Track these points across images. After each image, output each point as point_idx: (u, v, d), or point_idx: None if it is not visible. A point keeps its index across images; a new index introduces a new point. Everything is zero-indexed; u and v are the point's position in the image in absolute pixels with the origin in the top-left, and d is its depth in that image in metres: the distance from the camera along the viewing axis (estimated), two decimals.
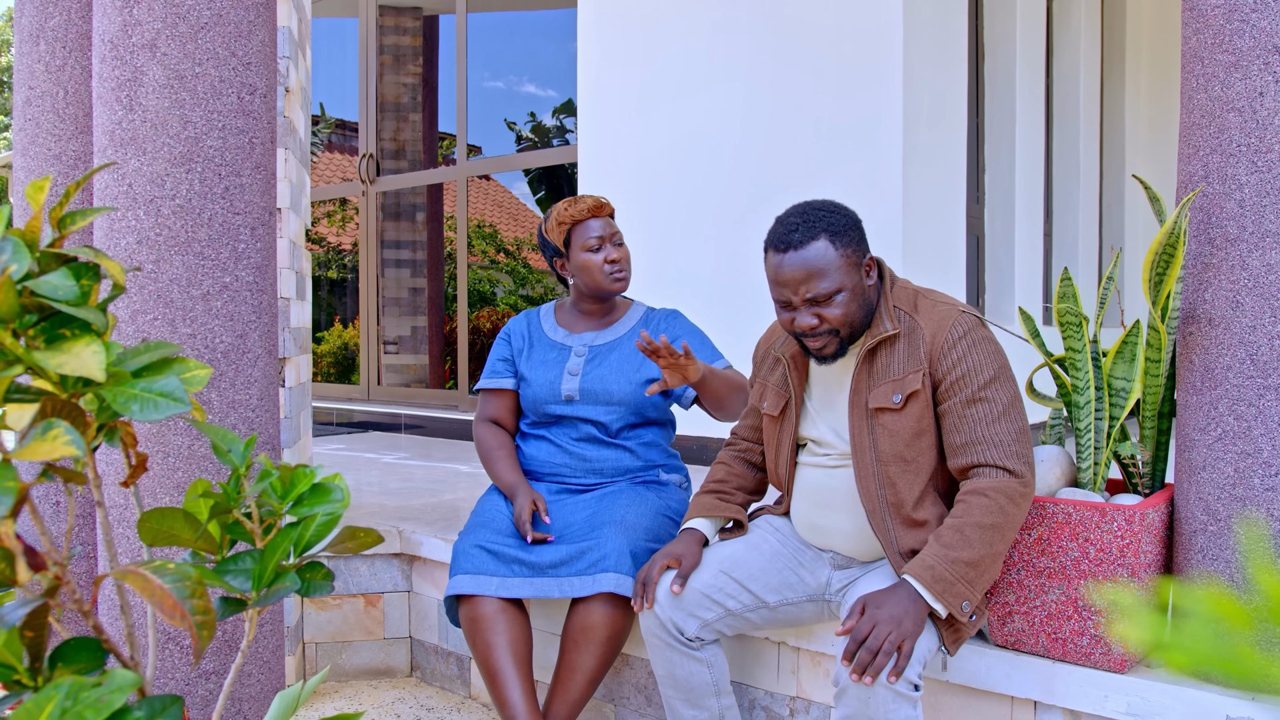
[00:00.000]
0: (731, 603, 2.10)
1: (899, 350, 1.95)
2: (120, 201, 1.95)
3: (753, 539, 2.18)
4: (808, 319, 1.93)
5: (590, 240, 2.58)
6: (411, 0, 7.03)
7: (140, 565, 0.96)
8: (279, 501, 1.20)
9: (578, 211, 2.59)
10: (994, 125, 5.33)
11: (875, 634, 1.73)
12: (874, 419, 1.96)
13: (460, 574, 2.39)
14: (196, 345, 1.97)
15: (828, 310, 1.92)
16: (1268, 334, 1.81)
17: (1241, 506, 1.84)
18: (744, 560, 2.12)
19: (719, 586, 2.10)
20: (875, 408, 1.95)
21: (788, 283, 1.93)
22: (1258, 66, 1.81)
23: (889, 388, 1.94)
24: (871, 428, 1.96)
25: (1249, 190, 1.82)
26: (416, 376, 7.15)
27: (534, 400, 2.61)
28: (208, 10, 1.97)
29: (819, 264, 1.90)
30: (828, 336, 1.94)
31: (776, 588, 2.12)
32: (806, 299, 1.92)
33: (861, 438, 1.97)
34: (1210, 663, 0.31)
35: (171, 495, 1.95)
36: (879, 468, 1.96)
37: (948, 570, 1.79)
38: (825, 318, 1.92)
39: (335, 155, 8.31)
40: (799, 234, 1.92)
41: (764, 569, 2.12)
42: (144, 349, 1.06)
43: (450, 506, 3.57)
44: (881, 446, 1.95)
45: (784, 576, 2.13)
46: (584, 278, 2.60)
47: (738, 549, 2.15)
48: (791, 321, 1.96)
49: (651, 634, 2.13)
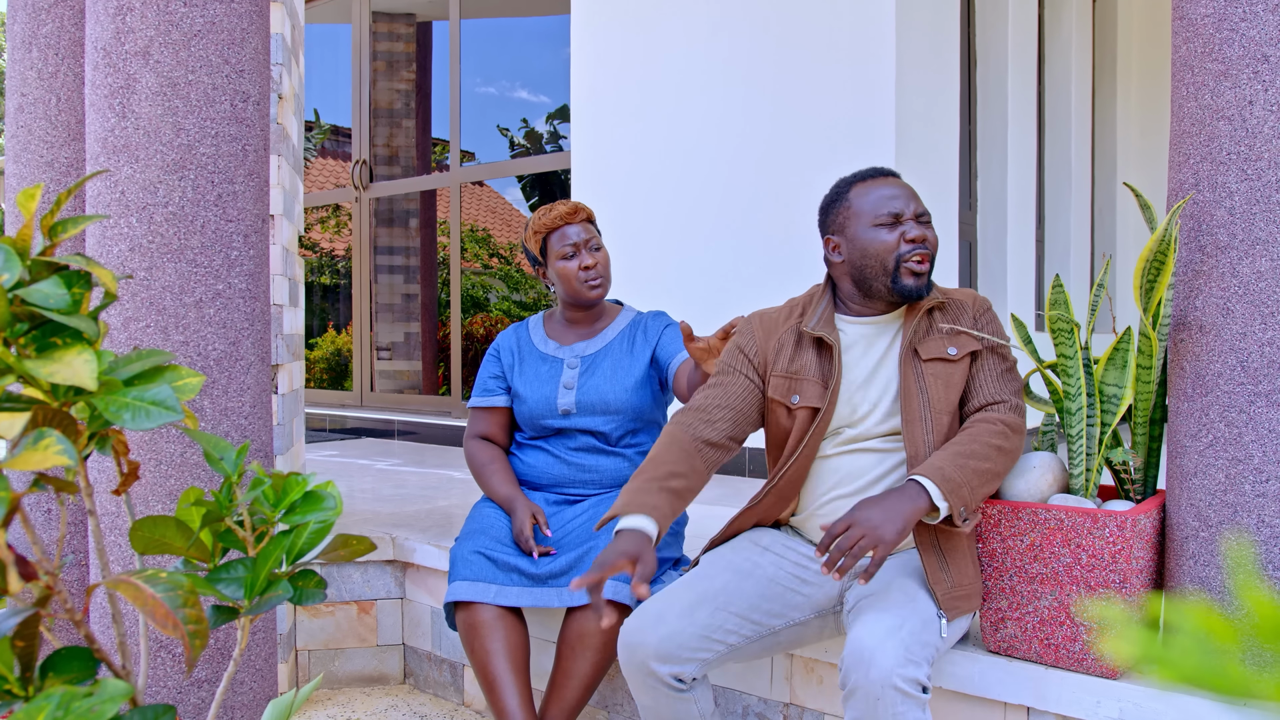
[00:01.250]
0: (733, 638, 1.96)
1: (939, 317, 2.04)
2: (113, 209, 1.94)
3: (741, 566, 2.03)
4: (918, 230, 2.00)
5: (565, 248, 2.54)
6: (405, 6, 7.04)
7: (132, 574, 0.96)
8: (271, 509, 1.20)
9: (551, 219, 2.56)
10: (986, 132, 5.35)
11: (849, 533, 1.73)
12: (924, 367, 2.00)
13: (459, 580, 2.39)
14: (189, 353, 1.96)
15: (929, 232, 2.02)
16: (1258, 341, 1.81)
17: (1232, 513, 1.84)
18: (740, 591, 1.98)
19: (718, 625, 1.94)
20: (928, 358, 2.00)
21: (899, 194, 2.02)
22: (1247, 75, 1.81)
23: (940, 341, 2.01)
24: (920, 376, 2.00)
25: (1239, 198, 1.83)
26: (409, 383, 7.14)
27: (530, 416, 2.59)
28: (200, 18, 1.97)
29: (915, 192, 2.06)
30: (929, 260, 2.01)
31: (779, 611, 2.02)
32: (916, 214, 2.01)
33: (910, 385, 1.99)
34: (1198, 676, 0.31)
35: (163, 503, 1.95)
36: (930, 414, 1.99)
37: (956, 471, 1.82)
38: (927, 238, 2.01)
39: (329, 161, 8.31)
40: (888, 169, 2.08)
41: (763, 595, 2.00)
42: (136, 357, 1.06)
43: (444, 513, 3.57)
44: (933, 394, 1.99)
45: (786, 599, 2.03)
46: (562, 286, 2.58)
47: (729, 580, 1.99)
48: (901, 238, 1.99)
49: (639, 676, 1.91)
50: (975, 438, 1.90)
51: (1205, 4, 1.87)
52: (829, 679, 2.27)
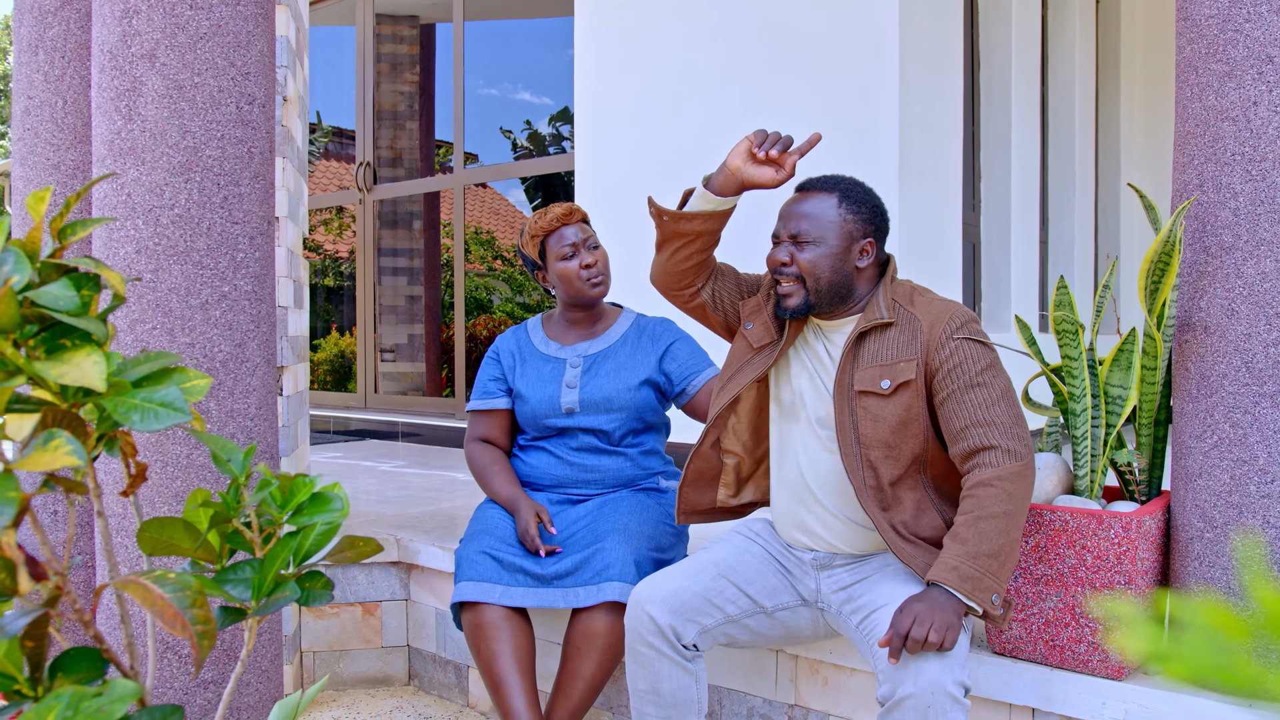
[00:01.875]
0: (731, 607, 2.04)
1: (890, 338, 1.95)
2: (119, 211, 1.95)
3: (738, 544, 2.14)
4: (781, 254, 2.00)
5: (564, 249, 2.56)
6: (408, 8, 7.05)
7: (141, 575, 0.96)
8: (278, 511, 1.20)
9: (548, 222, 2.58)
10: (990, 133, 5.35)
11: (919, 624, 1.69)
12: (857, 402, 1.95)
13: (465, 581, 2.39)
14: (195, 355, 1.97)
15: (800, 254, 1.98)
16: (1263, 342, 1.81)
17: (1237, 514, 1.84)
18: (739, 564, 2.08)
19: (719, 590, 2.03)
20: (860, 390, 1.94)
21: (783, 215, 2.03)
22: (1251, 76, 1.82)
23: (876, 372, 1.94)
24: (853, 410, 1.95)
25: (1243, 199, 1.83)
26: (413, 384, 7.15)
27: (533, 416, 2.60)
28: (206, 21, 1.97)
29: (815, 211, 1.99)
30: (795, 283, 1.99)
31: (772, 591, 2.08)
32: (790, 235, 2.00)
33: (844, 419, 1.96)
34: (1208, 673, 0.31)
35: (170, 504, 1.95)
36: (859, 450, 1.95)
37: (972, 568, 1.77)
38: (795, 259, 1.98)
39: (332, 163, 8.32)
40: (818, 182, 2.04)
41: (758, 573, 2.08)
42: (144, 359, 1.06)
43: (448, 515, 3.57)
44: (864, 430, 1.94)
45: (777, 580, 2.09)
46: (563, 286, 2.59)
47: (729, 553, 2.10)
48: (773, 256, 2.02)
49: (641, 641, 2.01)
50: (979, 513, 1.80)
51: (1209, 5, 1.87)
52: (833, 680, 2.27)
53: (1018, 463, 1.82)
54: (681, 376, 2.60)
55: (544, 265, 2.62)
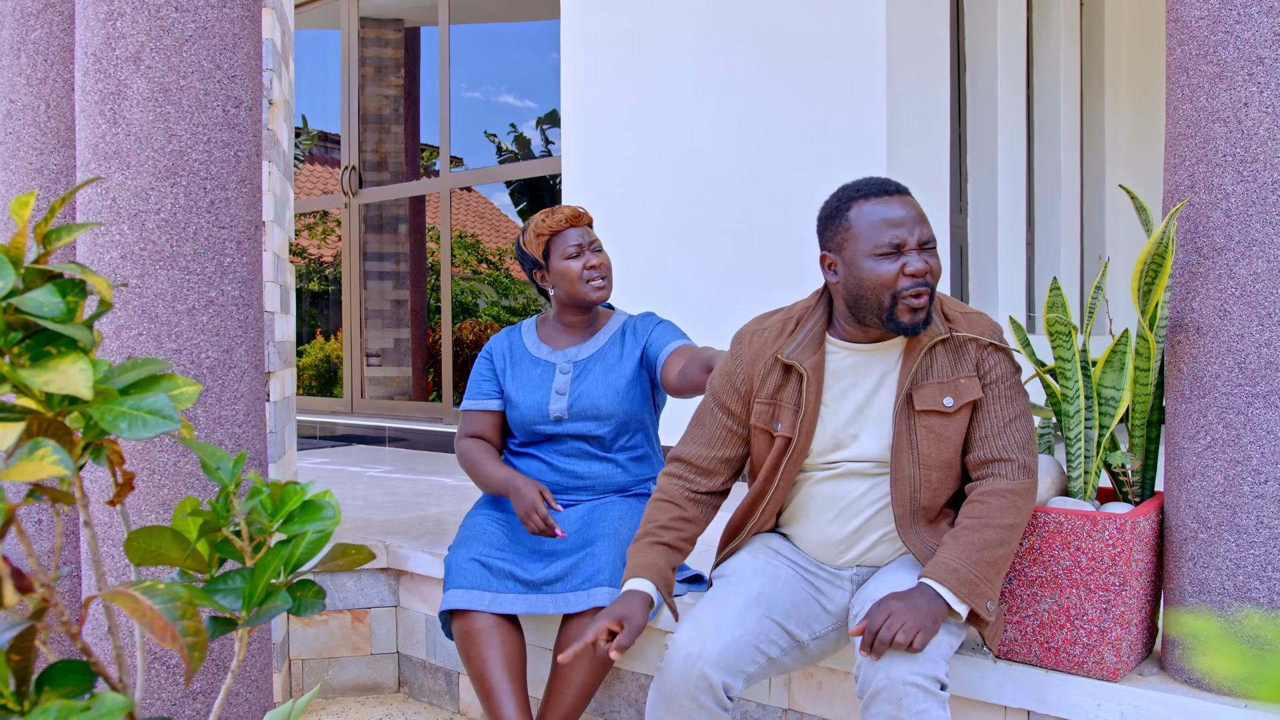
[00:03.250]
0: (774, 650, 1.88)
1: (938, 354, 1.90)
2: (104, 216, 1.93)
3: (766, 569, 1.96)
4: (921, 263, 1.82)
5: (569, 248, 2.55)
6: (393, 12, 7.02)
7: (130, 586, 0.94)
8: (269, 519, 1.19)
9: (555, 222, 2.57)
10: (976, 135, 5.36)
11: (889, 624, 1.68)
12: (917, 420, 1.88)
13: (454, 588, 2.37)
14: (182, 361, 1.95)
15: (932, 261, 1.85)
16: (1255, 342, 1.81)
17: (1231, 514, 1.84)
18: (777, 596, 1.92)
19: (764, 634, 1.86)
20: (922, 409, 1.88)
21: (903, 222, 1.83)
22: (1242, 77, 1.82)
23: (936, 390, 1.88)
24: (912, 429, 1.88)
25: (1235, 200, 1.83)
26: (400, 389, 7.12)
27: (523, 422, 2.58)
28: (192, 23, 1.95)
29: (920, 207, 1.88)
30: (928, 294, 1.83)
31: (806, 622, 1.95)
32: (921, 242, 1.84)
33: (901, 440, 1.88)
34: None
35: (157, 512, 1.93)
36: (918, 471, 1.89)
37: (973, 572, 1.74)
38: (932, 267, 1.84)
39: (317, 167, 8.28)
40: (896, 184, 1.88)
41: (794, 601, 1.94)
42: (131, 366, 1.04)
43: (436, 520, 3.55)
44: (924, 450, 1.88)
45: (810, 609, 1.96)
46: (564, 286, 2.58)
47: (764, 584, 1.93)
48: (900, 271, 1.82)
49: (686, 695, 1.78)
50: (987, 520, 1.79)
51: (1199, 6, 1.87)
52: (827, 684, 2.26)
53: (1029, 479, 1.84)
54: (654, 353, 2.55)
55: (545, 265, 2.60)
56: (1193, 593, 1.90)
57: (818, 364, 1.94)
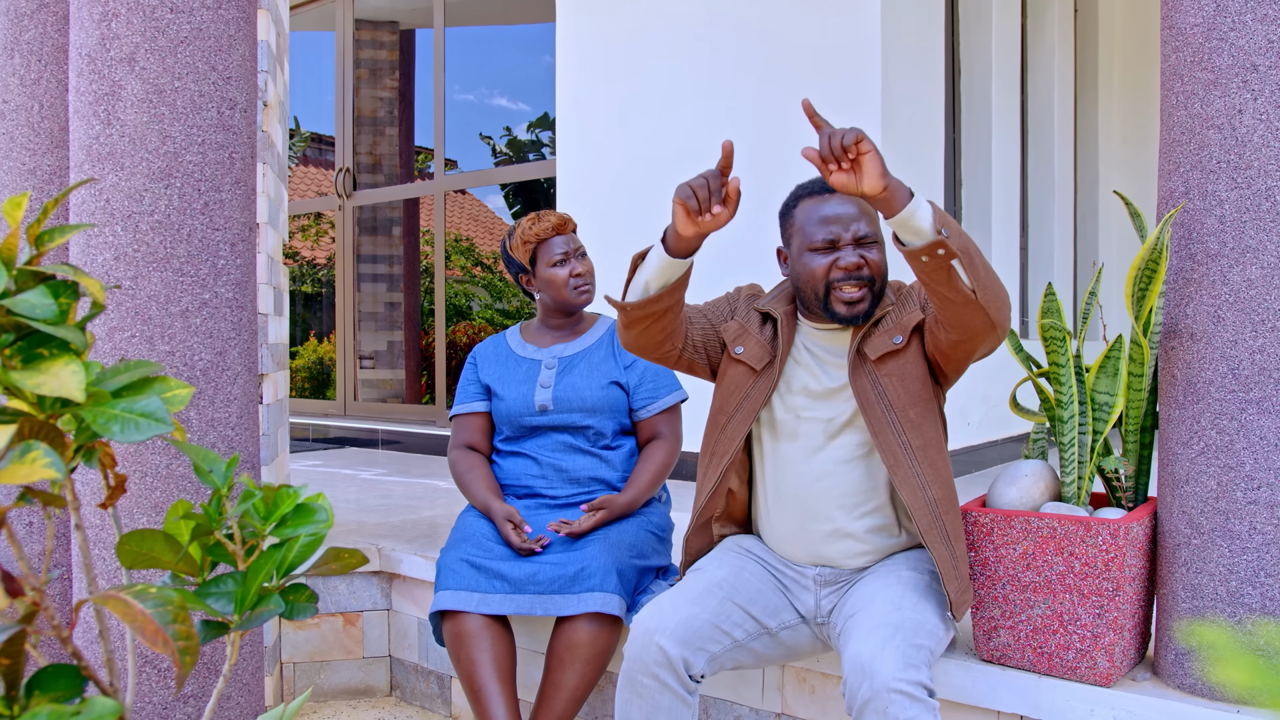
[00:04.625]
0: (738, 632, 1.93)
1: (885, 320, 1.96)
2: (97, 217, 1.92)
3: (734, 562, 2.03)
4: (853, 257, 1.89)
5: (555, 255, 2.61)
6: (388, 14, 7.02)
7: (121, 590, 0.94)
8: (262, 522, 1.18)
9: (542, 229, 2.62)
10: (970, 140, 5.37)
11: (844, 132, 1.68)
12: (875, 370, 1.91)
13: (444, 590, 2.37)
14: (175, 363, 1.94)
15: (871, 255, 1.91)
16: (1249, 348, 1.82)
17: (1224, 520, 1.84)
18: (740, 584, 1.98)
19: (726, 615, 1.92)
20: (875, 358, 1.91)
21: (838, 218, 1.91)
22: (1236, 84, 1.82)
23: (885, 336, 1.92)
24: (875, 380, 1.91)
25: (1229, 206, 1.83)
26: (393, 392, 7.10)
27: (508, 414, 2.60)
28: (187, 24, 1.95)
29: (865, 208, 1.92)
30: (866, 288, 1.91)
31: (774, 610, 2.00)
32: (857, 238, 1.91)
33: (866, 394, 1.91)
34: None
35: (149, 515, 1.92)
36: (895, 416, 1.90)
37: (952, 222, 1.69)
38: (868, 261, 1.90)
39: (310, 169, 8.27)
40: None
41: (759, 591, 1.99)
42: (124, 368, 1.04)
43: (429, 523, 3.54)
44: (893, 394, 1.90)
45: (778, 598, 2.01)
46: (550, 292, 2.63)
47: (728, 573, 1.99)
48: (832, 265, 1.90)
49: (646, 672, 1.83)
50: None
51: (1194, 13, 1.88)
52: (820, 688, 2.26)
53: None
54: (639, 396, 2.62)
55: (531, 270, 2.63)
56: (1186, 598, 1.90)
57: (789, 319, 2.04)
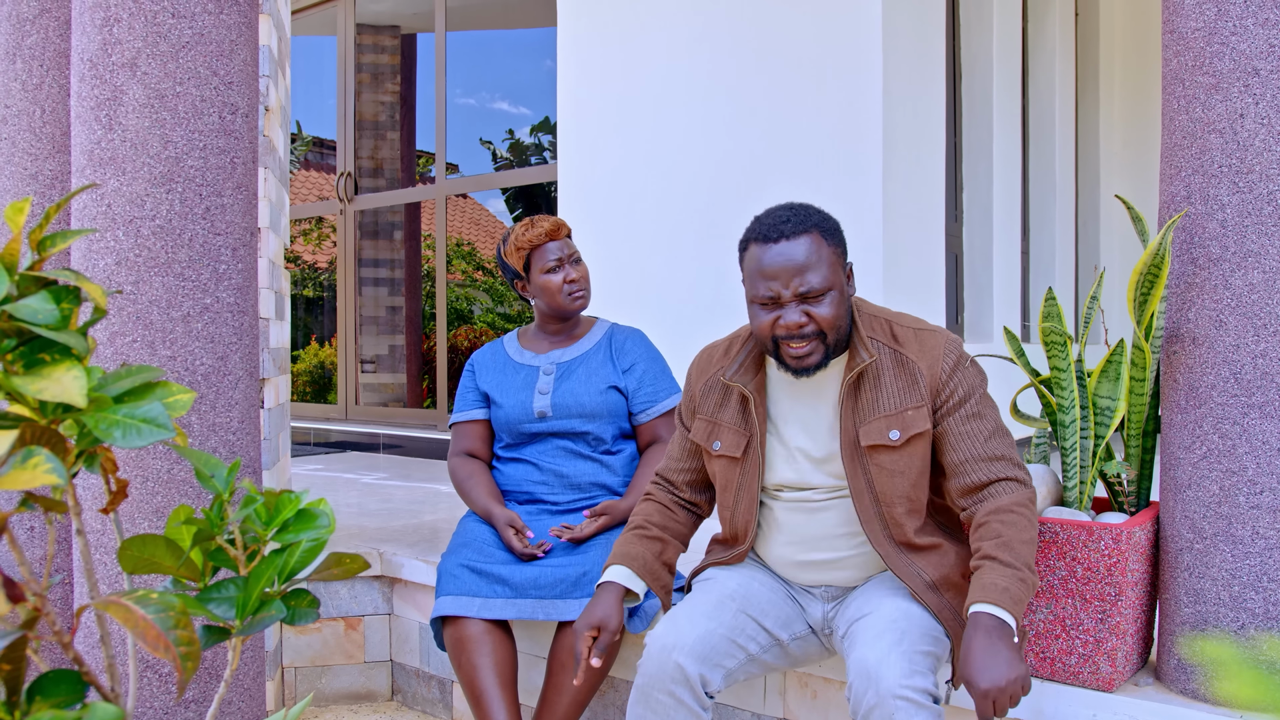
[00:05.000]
0: (753, 645, 1.91)
1: (885, 382, 1.85)
2: (99, 222, 1.92)
3: (743, 572, 2.00)
4: (795, 316, 1.79)
5: (549, 262, 2.60)
6: (389, 18, 7.02)
7: (123, 595, 0.94)
8: (264, 528, 1.18)
9: (535, 236, 2.61)
10: (971, 143, 5.37)
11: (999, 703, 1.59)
12: (868, 458, 1.84)
13: (445, 595, 2.37)
14: (176, 368, 1.94)
15: (817, 309, 1.79)
16: (1251, 353, 1.82)
17: (1227, 525, 1.84)
18: (752, 595, 1.95)
19: (740, 628, 1.89)
20: (869, 445, 1.83)
21: (778, 274, 1.79)
22: (1238, 89, 1.82)
23: (882, 424, 1.83)
24: (866, 468, 1.85)
25: (1231, 210, 1.83)
26: (394, 396, 7.10)
27: (507, 421, 2.60)
28: (189, 29, 1.95)
29: (812, 257, 1.79)
30: (815, 341, 1.81)
31: (785, 622, 1.97)
32: (799, 293, 1.79)
33: (856, 480, 1.86)
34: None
35: (150, 520, 1.92)
36: (880, 509, 1.85)
37: (1018, 589, 1.67)
38: (814, 317, 1.79)
39: (312, 173, 8.27)
40: (790, 226, 1.81)
41: (771, 601, 1.97)
42: (126, 373, 1.04)
43: (430, 528, 3.54)
44: (881, 487, 1.84)
45: (788, 610, 1.98)
46: (545, 298, 2.63)
47: (739, 584, 1.96)
48: (775, 322, 1.81)
49: (662, 689, 1.82)
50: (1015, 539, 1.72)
51: (1195, 18, 1.88)
52: (823, 693, 2.25)
53: (1030, 490, 1.80)
54: (638, 400, 2.62)
55: (526, 276, 2.63)
56: (1188, 603, 1.90)
57: (760, 384, 1.96)
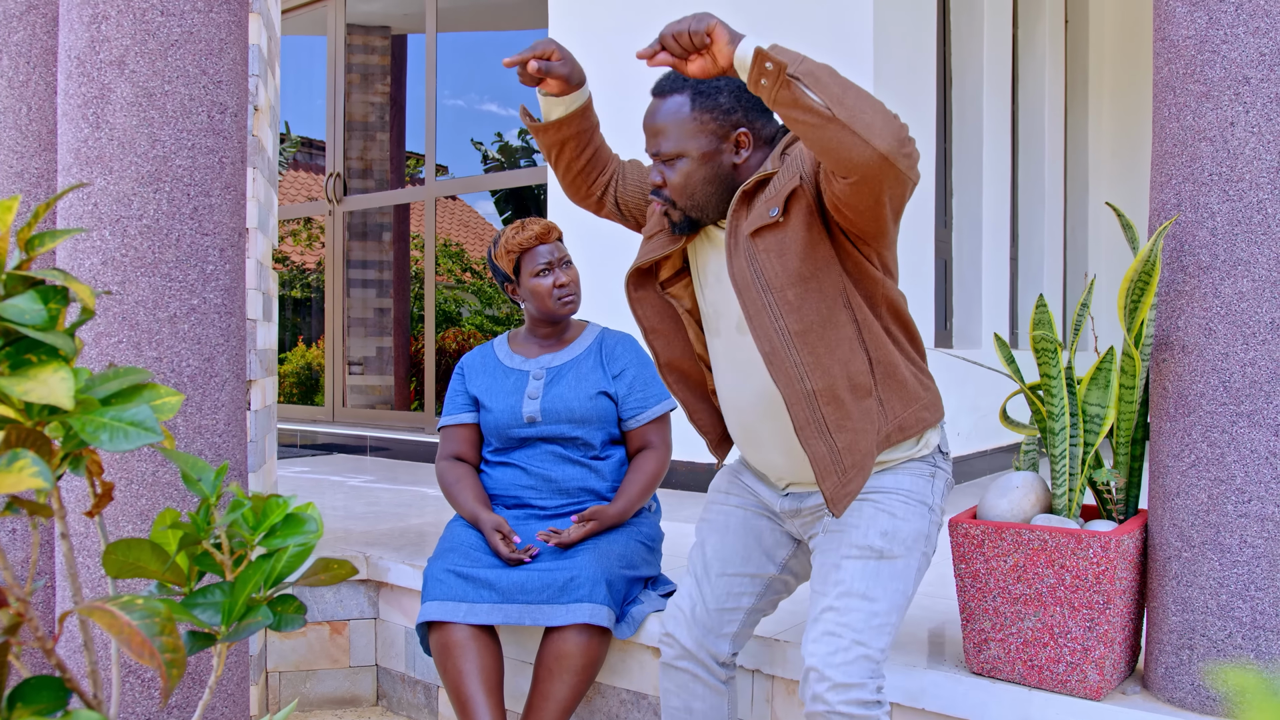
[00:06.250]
0: (746, 600, 1.97)
1: (775, 181, 1.73)
2: (85, 221, 1.90)
3: (717, 522, 2.02)
4: (654, 175, 1.79)
5: (539, 265, 2.58)
6: (380, 19, 7.01)
7: (107, 601, 0.92)
8: (251, 532, 1.17)
9: (525, 239, 2.59)
10: (961, 149, 5.38)
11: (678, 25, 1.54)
12: (753, 247, 1.70)
13: (430, 600, 2.35)
14: (163, 369, 1.92)
15: (668, 172, 1.77)
16: (1240, 361, 1.82)
17: (1215, 533, 1.84)
18: (727, 548, 1.98)
19: (728, 591, 1.96)
20: (752, 232, 1.69)
21: (645, 130, 1.80)
22: (1228, 97, 1.83)
23: (763, 208, 1.70)
24: (753, 258, 1.70)
25: (1220, 219, 1.84)
26: (381, 398, 7.08)
27: (496, 426, 2.59)
28: (178, 27, 1.93)
29: (664, 120, 1.76)
30: (665, 203, 1.79)
31: (769, 552, 1.98)
32: (653, 153, 1.78)
33: (745, 275, 1.70)
34: None
35: (134, 523, 1.90)
36: (772, 298, 1.68)
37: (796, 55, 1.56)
38: (665, 179, 1.77)
39: (300, 173, 8.24)
40: (668, 82, 1.79)
41: (748, 544, 1.98)
42: (113, 375, 1.03)
43: (417, 531, 3.53)
44: (769, 272, 1.68)
45: (768, 539, 1.99)
46: (535, 302, 2.61)
47: (714, 542, 1.99)
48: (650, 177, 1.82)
49: (676, 663, 1.97)
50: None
51: (1187, 26, 1.88)
52: None
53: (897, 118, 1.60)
54: (627, 406, 2.61)
55: (516, 280, 2.62)
56: (1176, 611, 1.90)
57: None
